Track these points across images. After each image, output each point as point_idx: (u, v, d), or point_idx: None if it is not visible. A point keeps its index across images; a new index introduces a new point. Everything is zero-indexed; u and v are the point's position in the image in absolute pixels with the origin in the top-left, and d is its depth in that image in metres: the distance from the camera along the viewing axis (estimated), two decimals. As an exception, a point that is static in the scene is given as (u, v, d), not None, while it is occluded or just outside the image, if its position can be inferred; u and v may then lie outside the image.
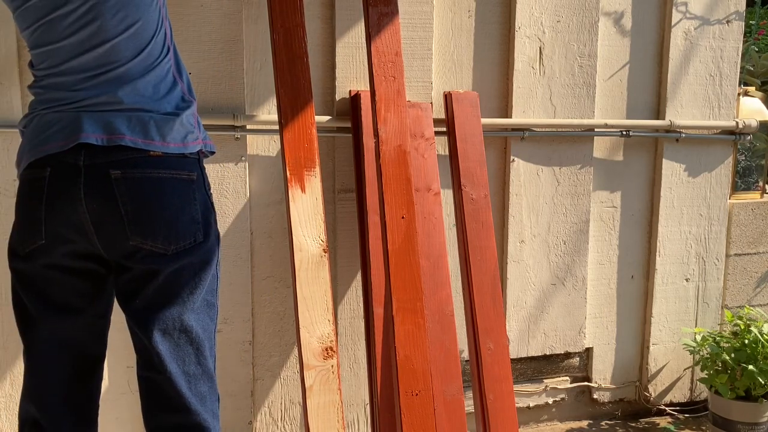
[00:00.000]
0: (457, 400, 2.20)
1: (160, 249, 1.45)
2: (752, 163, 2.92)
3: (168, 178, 1.46)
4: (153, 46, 1.48)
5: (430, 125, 2.32)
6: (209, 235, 1.53)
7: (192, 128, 1.52)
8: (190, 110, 1.53)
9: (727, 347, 2.57)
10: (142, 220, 1.44)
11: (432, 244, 2.23)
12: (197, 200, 1.50)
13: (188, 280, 1.49)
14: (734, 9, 2.72)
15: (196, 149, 1.52)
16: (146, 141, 1.44)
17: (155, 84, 1.50)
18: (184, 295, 1.50)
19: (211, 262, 1.54)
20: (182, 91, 1.55)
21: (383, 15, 2.03)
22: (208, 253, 1.53)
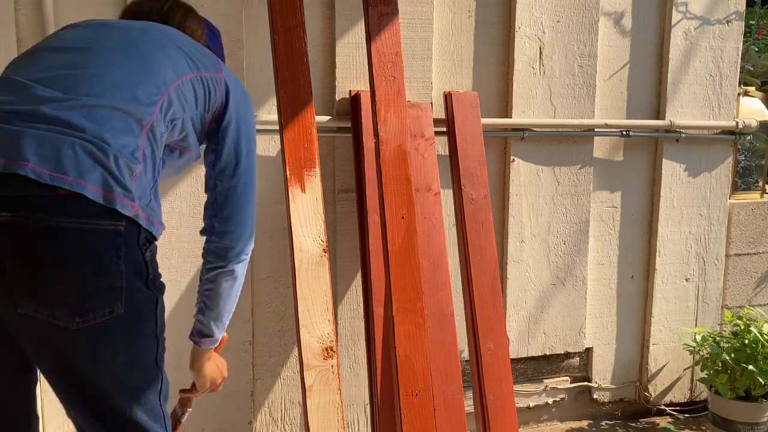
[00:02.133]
0: (457, 400, 2.20)
1: (60, 321, 1.13)
2: (752, 163, 2.92)
3: (79, 228, 1.12)
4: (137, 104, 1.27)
5: (430, 125, 2.32)
6: (137, 304, 1.21)
7: (126, 185, 1.18)
8: (134, 166, 1.21)
9: (727, 347, 2.57)
10: (36, 283, 1.11)
11: (432, 244, 2.23)
12: (123, 258, 1.16)
13: (109, 360, 1.19)
14: (734, 9, 2.72)
15: (126, 212, 1.17)
16: (56, 174, 1.10)
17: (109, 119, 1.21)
18: (105, 376, 1.20)
19: (140, 338, 1.24)
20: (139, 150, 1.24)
21: (383, 15, 2.03)
22: (134, 327, 1.22)
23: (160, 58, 1.35)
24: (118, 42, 1.35)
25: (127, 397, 1.23)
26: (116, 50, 1.32)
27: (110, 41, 1.34)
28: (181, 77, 1.37)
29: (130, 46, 1.34)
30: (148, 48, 1.36)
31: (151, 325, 1.26)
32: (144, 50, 1.35)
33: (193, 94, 1.41)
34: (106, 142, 1.17)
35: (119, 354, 1.20)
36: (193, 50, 1.46)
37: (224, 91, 1.49)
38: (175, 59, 1.39)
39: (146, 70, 1.31)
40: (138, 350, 1.24)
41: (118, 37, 1.36)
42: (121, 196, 1.16)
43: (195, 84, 1.41)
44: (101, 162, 1.15)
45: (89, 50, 1.30)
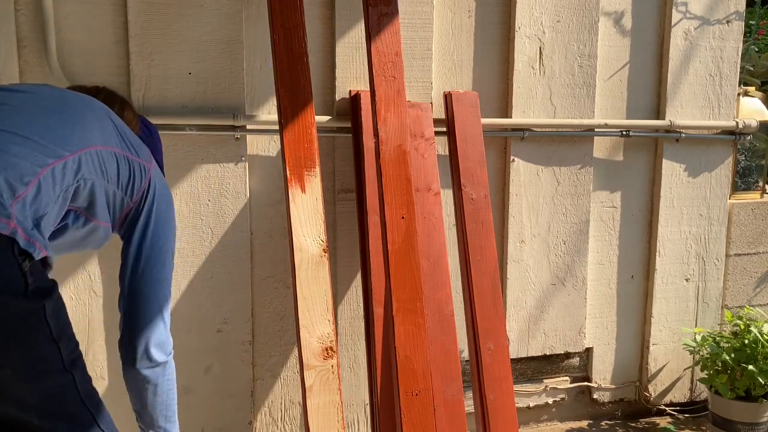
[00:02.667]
0: (457, 400, 2.20)
1: None
2: (752, 163, 2.92)
3: None
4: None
5: (430, 125, 2.32)
6: (14, 315, 1.17)
7: (4, 202, 1.17)
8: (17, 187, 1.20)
9: (727, 347, 2.57)
10: None
11: (432, 244, 2.23)
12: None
13: (3, 384, 1.17)
14: (734, 9, 2.72)
15: (1, 229, 1.16)
16: None
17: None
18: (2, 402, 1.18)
19: (29, 345, 1.19)
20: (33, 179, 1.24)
21: (383, 15, 2.03)
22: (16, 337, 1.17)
23: (91, 120, 1.41)
24: (55, 96, 1.41)
25: (37, 412, 1.21)
26: (50, 103, 1.38)
27: (46, 97, 1.40)
28: (108, 147, 1.41)
29: (65, 103, 1.40)
30: (83, 109, 1.42)
31: (42, 332, 1.21)
32: (77, 109, 1.41)
33: (116, 169, 1.43)
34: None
35: (4, 366, 1.17)
36: (128, 133, 1.51)
37: (147, 186, 1.52)
38: (107, 131, 1.43)
39: (74, 123, 1.36)
40: (29, 361, 1.19)
41: (57, 94, 1.43)
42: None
43: (120, 160, 1.44)
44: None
45: (25, 97, 1.37)
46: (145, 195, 1.52)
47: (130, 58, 2.08)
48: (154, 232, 1.53)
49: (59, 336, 1.24)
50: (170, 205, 1.60)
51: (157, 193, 1.55)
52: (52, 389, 1.23)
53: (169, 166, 2.16)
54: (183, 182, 2.20)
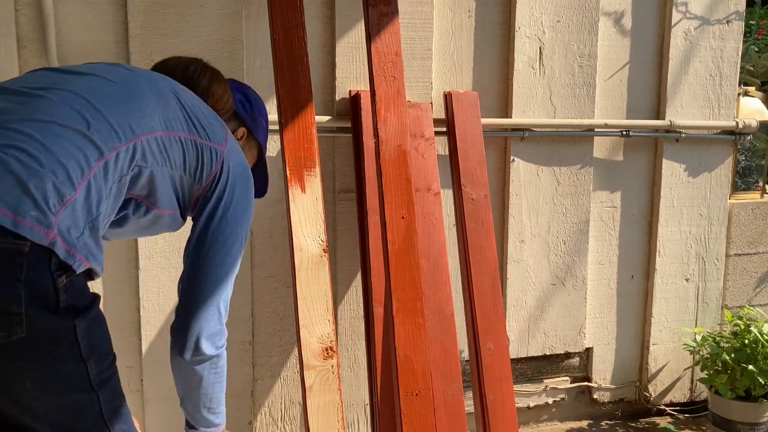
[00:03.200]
0: (457, 400, 2.20)
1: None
2: (752, 163, 2.92)
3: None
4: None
5: (430, 125, 2.32)
6: (44, 331, 1.11)
7: (45, 210, 1.10)
8: (65, 191, 1.13)
9: (727, 347, 2.57)
10: None
11: (432, 244, 2.23)
12: (22, 281, 1.07)
13: (17, 386, 1.12)
14: (734, 9, 2.72)
15: (35, 238, 1.08)
16: None
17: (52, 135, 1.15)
18: (16, 403, 1.12)
19: (55, 363, 1.14)
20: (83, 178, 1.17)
21: (383, 15, 2.03)
22: (42, 351, 1.12)
23: (151, 104, 1.31)
24: (115, 79, 1.31)
25: (50, 426, 1.16)
26: (107, 87, 1.29)
27: (105, 79, 1.30)
28: (171, 132, 1.33)
29: (125, 86, 1.31)
30: (144, 92, 1.32)
31: (71, 350, 1.15)
32: (137, 92, 1.31)
33: (181, 154, 1.35)
34: (40, 161, 1.11)
35: (24, 378, 1.11)
36: (200, 115, 1.40)
37: (219, 170, 1.42)
38: (171, 114, 1.34)
39: (130, 109, 1.27)
40: (52, 376, 1.14)
41: (119, 75, 1.33)
42: (33, 222, 1.08)
43: (186, 145, 1.36)
44: (22, 182, 1.08)
45: (79, 81, 1.28)
46: (216, 178, 1.41)
47: (131, 58, 2.08)
48: (221, 217, 1.43)
49: (89, 355, 1.19)
50: (245, 190, 1.47)
51: (231, 176, 1.43)
52: (70, 406, 1.18)
53: (169, 166, 2.16)
54: (183, 182, 2.20)
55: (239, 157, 1.48)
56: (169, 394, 2.22)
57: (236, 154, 1.47)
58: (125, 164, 1.25)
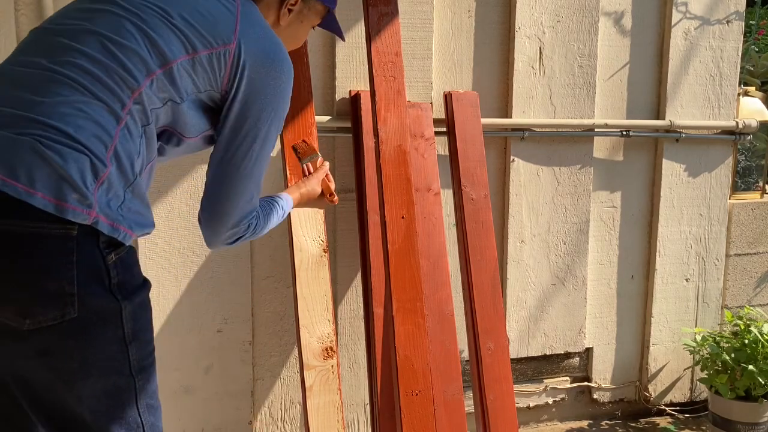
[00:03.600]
0: (457, 400, 2.20)
1: (11, 321, 1.12)
2: (752, 163, 2.92)
3: (27, 232, 1.10)
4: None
5: (430, 125, 2.32)
6: (94, 310, 1.15)
7: (84, 191, 1.12)
8: (100, 169, 1.15)
9: (727, 347, 2.57)
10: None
11: (432, 244, 2.23)
12: (74, 263, 1.12)
13: (64, 365, 1.15)
14: (734, 9, 2.72)
15: (79, 220, 1.12)
16: (7, 180, 1.08)
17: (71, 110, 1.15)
18: (61, 382, 1.16)
19: (101, 343, 1.18)
20: (109, 149, 1.17)
21: (383, 15, 2.03)
22: (91, 332, 1.16)
23: (141, 44, 1.24)
24: (105, 25, 1.24)
25: (90, 410, 1.18)
26: (98, 34, 1.23)
27: (99, 22, 1.25)
28: (168, 64, 1.25)
29: (114, 29, 1.24)
30: (129, 29, 1.24)
31: (116, 332, 1.19)
32: (125, 33, 1.24)
33: (189, 79, 1.28)
34: (70, 144, 1.13)
35: (73, 358, 1.15)
36: (194, 20, 1.29)
37: (231, 70, 1.31)
38: (162, 41, 1.25)
39: (126, 54, 1.22)
40: (97, 357, 1.17)
41: (107, 19, 1.26)
42: (75, 204, 1.11)
43: (190, 66, 1.28)
44: (57, 168, 1.11)
45: (75, 36, 1.24)
46: (232, 79, 1.31)
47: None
48: (252, 111, 1.34)
49: (132, 339, 1.21)
50: (270, 78, 1.34)
51: (249, 71, 1.31)
52: (111, 389, 1.20)
53: (169, 166, 2.16)
54: (183, 182, 2.20)
55: (260, 41, 1.34)
56: (169, 394, 2.22)
57: (254, 40, 1.33)
58: (142, 117, 1.24)
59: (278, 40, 1.38)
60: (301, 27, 1.56)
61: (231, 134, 1.35)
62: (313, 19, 1.57)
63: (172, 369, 2.24)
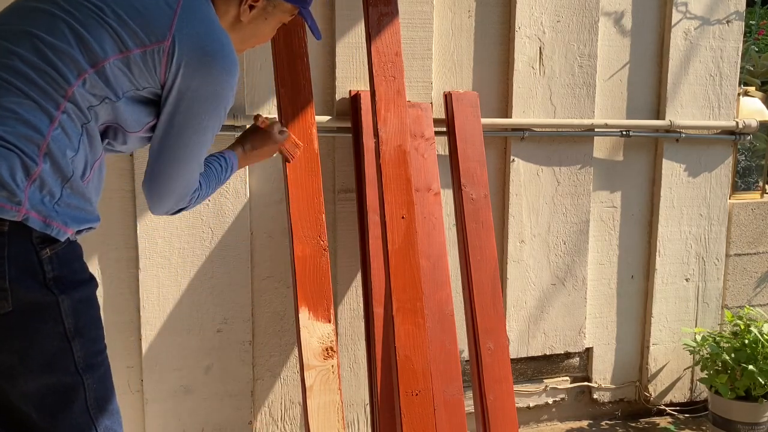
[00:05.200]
0: (457, 400, 2.20)
1: None
2: (752, 163, 2.92)
3: None
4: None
5: (430, 125, 2.32)
6: (29, 305, 1.15)
7: (13, 189, 1.14)
8: (31, 166, 1.16)
9: (727, 347, 2.57)
10: None
11: (432, 244, 2.23)
12: (5, 258, 1.14)
13: (5, 360, 1.16)
14: (734, 9, 2.72)
15: (8, 216, 1.14)
16: None
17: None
18: (3, 379, 1.16)
19: (41, 338, 1.17)
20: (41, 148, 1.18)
21: (383, 15, 2.03)
22: (28, 328, 1.16)
23: (71, 42, 1.23)
24: (39, 24, 1.24)
25: (36, 408, 1.18)
26: (32, 35, 1.22)
27: (35, 23, 1.24)
28: (100, 63, 1.24)
29: (48, 27, 1.23)
30: (60, 27, 1.24)
31: (56, 327, 1.19)
32: (58, 30, 1.23)
33: (125, 77, 1.28)
34: (0, 143, 1.14)
35: (13, 353, 1.16)
36: (129, 18, 1.27)
37: (168, 62, 1.29)
38: (95, 39, 1.24)
39: (58, 54, 1.22)
40: (37, 352, 1.17)
41: (43, 18, 1.25)
42: (3, 201, 1.13)
43: (124, 65, 1.27)
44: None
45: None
46: (168, 73, 1.31)
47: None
48: (175, 108, 1.35)
49: (75, 335, 1.21)
50: (207, 71, 1.33)
51: (185, 66, 1.31)
52: (57, 388, 1.20)
53: (169, 166, 2.16)
54: (183, 182, 2.20)
55: (197, 37, 1.32)
56: (169, 394, 2.22)
57: (191, 35, 1.31)
58: (79, 115, 1.24)
59: (221, 37, 1.36)
60: (266, 24, 1.54)
61: (167, 125, 1.36)
62: (281, 16, 1.55)
63: (172, 369, 2.24)
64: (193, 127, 1.37)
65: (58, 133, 1.20)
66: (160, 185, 1.42)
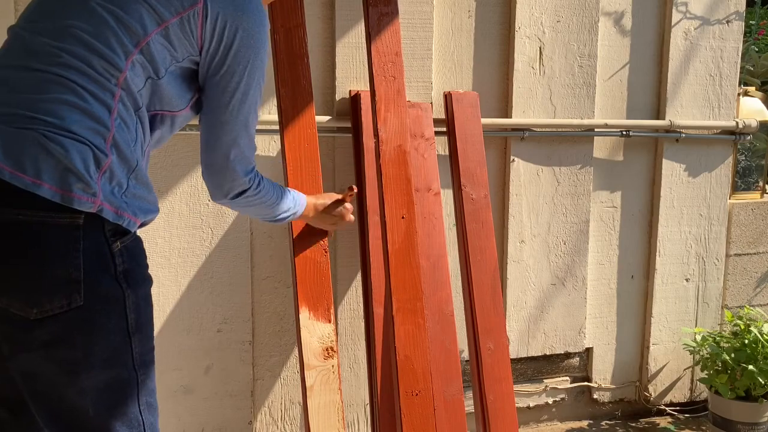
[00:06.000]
0: (457, 400, 2.20)
1: (19, 311, 1.13)
2: (752, 163, 2.92)
3: (35, 221, 1.12)
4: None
5: (430, 125, 2.32)
6: (99, 298, 1.16)
7: (88, 180, 1.15)
8: (102, 159, 1.18)
9: (727, 347, 2.57)
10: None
11: (432, 244, 2.23)
12: (80, 251, 1.14)
13: (69, 355, 1.16)
14: (734, 9, 2.72)
15: (85, 208, 1.14)
16: (15, 172, 1.11)
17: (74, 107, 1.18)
18: (65, 374, 1.16)
19: (105, 333, 1.18)
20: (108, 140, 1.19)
21: (383, 15, 2.03)
22: (95, 321, 1.17)
23: (113, 28, 1.23)
24: (78, 15, 1.24)
25: (93, 403, 1.18)
26: (74, 28, 1.23)
27: (72, 14, 1.24)
28: (141, 42, 1.24)
29: (87, 17, 1.23)
30: (100, 19, 1.23)
31: (120, 322, 1.20)
32: (97, 22, 1.23)
33: (165, 51, 1.28)
34: (72, 136, 1.15)
35: (77, 348, 1.16)
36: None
37: (203, 23, 1.29)
38: (134, 20, 1.24)
39: (102, 47, 1.22)
40: (102, 347, 1.18)
41: (77, 7, 1.25)
42: (80, 193, 1.14)
43: (163, 39, 1.27)
44: (61, 159, 1.13)
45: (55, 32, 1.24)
46: (205, 34, 1.30)
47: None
48: (216, 69, 1.35)
49: (135, 331, 1.23)
50: (244, 31, 1.33)
51: (220, 24, 1.31)
52: (114, 382, 1.21)
53: (169, 166, 2.16)
54: (183, 182, 2.20)
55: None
56: (169, 394, 2.22)
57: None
58: (132, 101, 1.25)
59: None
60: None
61: (212, 89, 1.37)
62: None
63: (172, 369, 2.24)
64: (237, 88, 1.37)
65: (119, 123, 1.22)
66: (213, 153, 1.42)
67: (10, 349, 1.16)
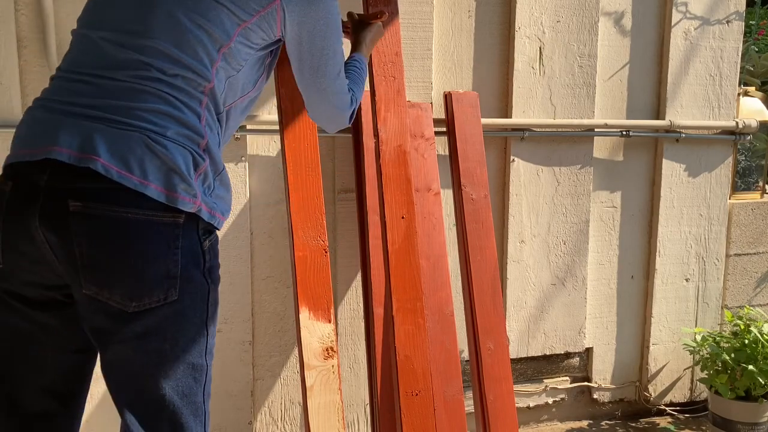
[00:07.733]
0: (457, 400, 2.20)
1: (118, 304, 1.19)
2: (752, 163, 2.92)
3: (141, 220, 1.18)
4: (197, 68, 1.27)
5: (430, 125, 2.32)
6: (191, 292, 1.24)
7: (190, 182, 1.22)
8: (200, 162, 1.25)
9: (727, 347, 2.57)
10: (99, 267, 1.17)
11: (432, 244, 2.23)
12: (179, 248, 1.21)
13: (158, 346, 1.22)
14: (734, 9, 2.72)
15: (187, 208, 1.22)
16: (122, 172, 1.17)
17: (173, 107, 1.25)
18: (151, 364, 1.23)
19: (190, 325, 1.26)
20: (202, 143, 1.27)
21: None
22: (185, 314, 1.24)
23: (198, 35, 1.27)
24: (160, 25, 1.27)
25: (172, 391, 1.25)
26: (158, 39, 1.26)
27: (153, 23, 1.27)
28: (224, 47, 1.30)
29: (169, 27, 1.27)
30: (184, 29, 1.27)
31: (201, 315, 1.28)
32: (182, 33, 1.27)
33: (246, 47, 1.34)
34: (172, 140, 1.22)
35: (167, 340, 1.23)
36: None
37: (282, 18, 1.37)
38: (217, 26, 1.29)
39: (190, 55, 1.26)
40: (186, 338, 1.26)
41: (160, 18, 1.27)
42: (183, 194, 1.21)
43: (244, 39, 1.33)
44: (166, 161, 1.20)
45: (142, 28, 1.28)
46: (284, 26, 1.39)
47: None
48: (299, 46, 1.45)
49: (210, 323, 1.30)
50: (319, 12, 1.42)
51: (299, 14, 1.39)
52: (189, 371, 1.27)
53: (169, 166, 2.16)
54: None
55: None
56: (169, 394, 2.22)
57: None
58: (215, 106, 1.32)
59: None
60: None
61: (298, 63, 1.47)
62: None
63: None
64: (322, 53, 1.47)
65: (208, 128, 1.29)
66: (318, 106, 1.56)
67: (104, 341, 1.23)
